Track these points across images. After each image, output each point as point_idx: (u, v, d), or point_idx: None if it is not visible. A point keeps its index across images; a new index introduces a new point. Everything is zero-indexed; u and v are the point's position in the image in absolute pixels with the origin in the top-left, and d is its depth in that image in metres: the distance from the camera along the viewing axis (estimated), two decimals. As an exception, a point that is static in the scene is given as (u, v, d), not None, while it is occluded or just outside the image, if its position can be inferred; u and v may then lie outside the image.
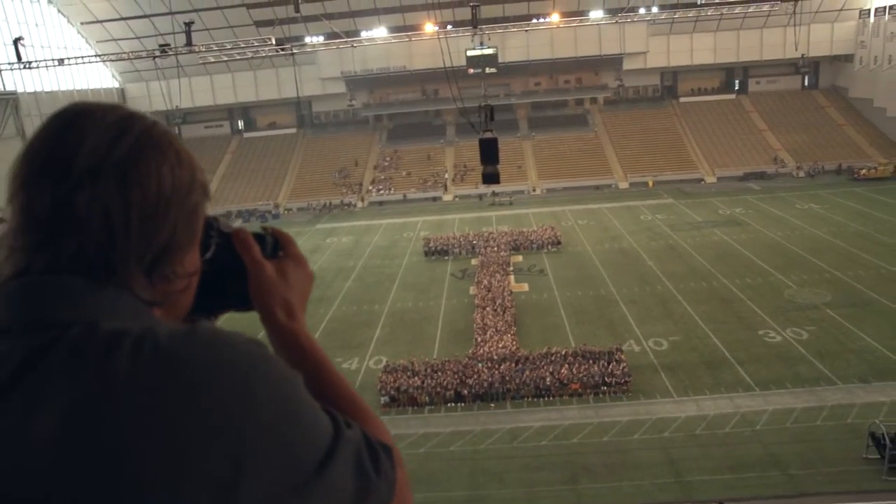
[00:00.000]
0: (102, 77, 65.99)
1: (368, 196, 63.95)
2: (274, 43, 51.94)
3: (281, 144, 72.33)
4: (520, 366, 25.41)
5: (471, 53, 59.27)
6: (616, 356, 25.48)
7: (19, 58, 45.50)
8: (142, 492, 0.75)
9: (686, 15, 56.58)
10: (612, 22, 58.38)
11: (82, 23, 61.48)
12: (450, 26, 54.53)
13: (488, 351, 26.88)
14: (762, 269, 35.94)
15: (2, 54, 48.55)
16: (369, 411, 1.10)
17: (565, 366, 25.01)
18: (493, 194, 57.58)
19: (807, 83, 70.64)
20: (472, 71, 59.76)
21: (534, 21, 59.57)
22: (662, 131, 67.76)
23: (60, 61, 51.58)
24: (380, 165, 67.98)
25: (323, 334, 30.64)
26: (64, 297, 0.87)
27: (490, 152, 25.83)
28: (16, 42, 45.48)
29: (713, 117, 68.99)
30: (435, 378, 25.16)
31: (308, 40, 57.03)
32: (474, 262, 40.40)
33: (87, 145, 0.88)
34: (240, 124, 75.28)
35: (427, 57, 60.94)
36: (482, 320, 30.09)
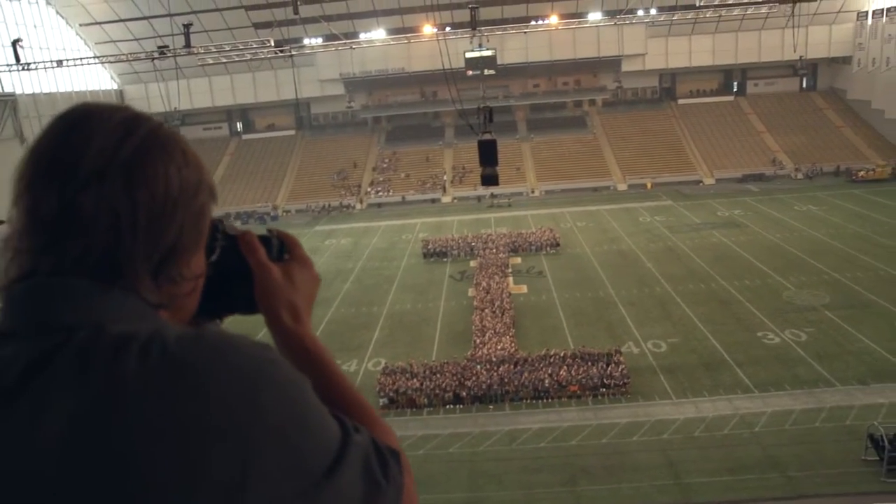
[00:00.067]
0: (101, 79, 65.98)
1: (367, 198, 63.94)
2: (273, 45, 51.95)
3: (279, 146, 72.29)
4: (518, 367, 25.39)
5: (469, 55, 59.29)
6: (615, 358, 25.47)
7: (18, 59, 45.46)
8: (149, 496, 0.75)
9: (684, 17, 56.65)
10: (611, 24, 58.41)
11: (81, 24, 61.47)
12: (448, 28, 54.50)
13: (487, 353, 26.86)
14: (761, 270, 35.95)
15: (0, 56, 48.53)
16: (376, 416, 1.09)
17: (564, 367, 24.99)
18: (492, 196, 57.60)
19: (805, 85, 70.83)
20: (470, 73, 59.78)
21: (532, 23, 59.62)
22: (661, 133, 67.79)
23: (59, 63, 51.56)
24: (378, 167, 67.98)
25: (321, 336, 29.66)
26: (70, 299, 0.86)
27: (489, 154, 25.84)
28: (14, 43, 45.43)
29: (711, 119, 69.05)
30: (434, 380, 25.14)
31: (307, 42, 57.03)
32: (473, 263, 40.37)
33: (94, 146, 0.87)
34: (238, 126, 75.26)
35: (426, 59, 61.03)
36: (481, 322, 30.07)
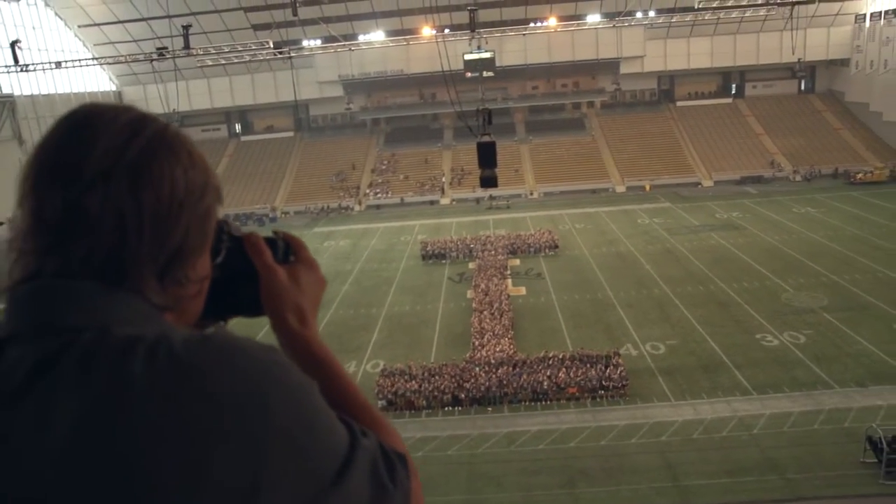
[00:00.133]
0: (100, 80, 65.96)
1: (366, 199, 63.95)
2: (272, 46, 52.02)
3: (278, 148, 72.30)
4: (517, 370, 25.38)
5: (468, 57, 59.31)
6: (613, 360, 25.46)
7: (16, 61, 45.48)
8: (154, 500, 0.74)
9: (683, 19, 56.81)
10: (610, 26, 58.49)
11: (79, 26, 61.46)
12: (447, 30, 54.56)
13: (486, 355, 26.84)
14: (759, 272, 35.98)
15: (-1, 57, 48.56)
16: (383, 419, 1.09)
17: (563, 370, 24.98)
18: (491, 198, 57.66)
19: (803, 87, 71.03)
20: (469, 75, 59.74)
21: (531, 25, 59.80)
22: (659, 135, 67.86)
23: (57, 64, 51.57)
24: (377, 169, 67.99)
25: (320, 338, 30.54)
26: (75, 301, 0.85)
27: (488, 156, 25.83)
28: (13, 45, 45.46)
29: (710, 121, 69.13)
30: (432, 382, 25.11)
31: (306, 44, 57.05)
32: (472, 265, 40.37)
33: (99, 147, 0.86)
34: (237, 128, 75.28)
35: (424, 61, 61.13)
36: (479, 324, 30.06)
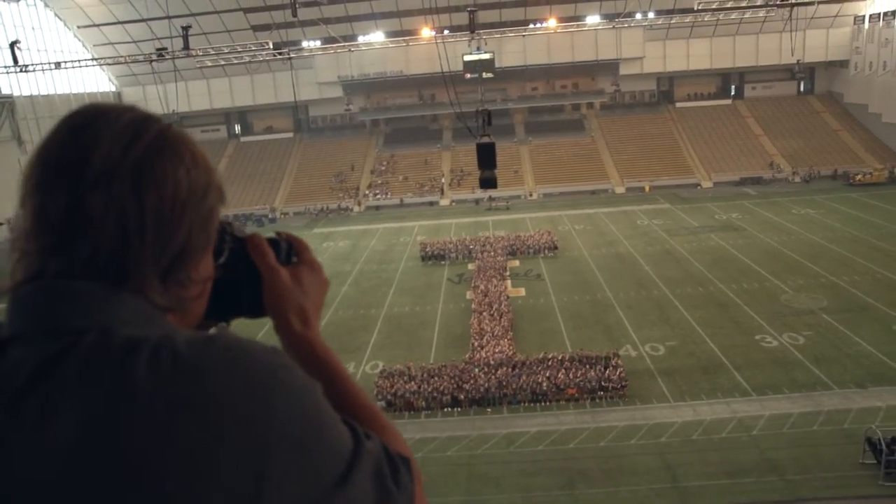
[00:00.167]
0: (99, 81, 65.92)
1: (365, 200, 63.94)
2: (271, 47, 52.01)
3: (278, 149, 72.29)
4: (516, 371, 25.37)
5: (468, 58, 59.32)
6: (613, 361, 25.45)
7: (16, 61, 45.46)
8: (161, 503, 0.74)
9: (682, 20, 56.86)
10: (609, 27, 58.54)
11: (79, 26, 61.45)
12: (447, 31, 54.60)
13: (485, 356, 26.82)
14: (758, 273, 35.99)
15: (-2, 58, 48.53)
16: (387, 422, 1.08)
17: (562, 371, 24.97)
18: (490, 199, 57.68)
19: (802, 89, 71.08)
20: (468, 76, 59.78)
21: (531, 26, 59.86)
22: (659, 136, 67.89)
23: (57, 65, 51.53)
24: (376, 170, 67.99)
25: (319, 339, 30.53)
26: (78, 302, 0.85)
27: (488, 157, 25.82)
28: (12, 45, 45.45)
29: (709, 122, 69.17)
30: (431, 383, 25.09)
31: (305, 45, 57.07)
32: (471, 266, 40.35)
33: (102, 147, 0.86)
34: (236, 128, 75.27)
35: (424, 62, 61.16)
36: (479, 325, 30.04)
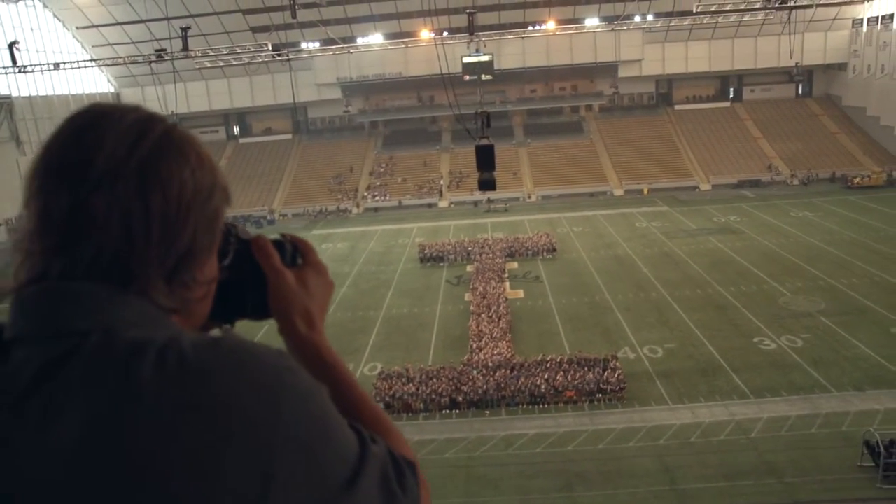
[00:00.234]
0: (98, 82, 65.88)
1: (364, 202, 63.94)
2: (270, 49, 51.99)
3: (276, 150, 72.28)
4: (515, 373, 25.35)
5: (467, 60, 59.44)
6: (611, 363, 25.46)
7: (14, 62, 45.43)
8: None
9: (681, 23, 56.97)
10: (608, 30, 58.64)
11: (78, 27, 61.42)
12: (446, 33, 54.63)
13: (483, 358, 26.82)
14: (757, 276, 36.01)
15: (-3, 58, 48.47)
16: (392, 426, 1.07)
17: (560, 373, 24.97)
18: (489, 201, 57.70)
19: (801, 91, 71.22)
20: (467, 78, 59.92)
21: (529, 28, 59.92)
22: (657, 139, 67.95)
23: (56, 66, 51.47)
24: (375, 171, 67.99)
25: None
26: (82, 303, 0.84)
27: (486, 159, 25.81)
28: (11, 46, 45.41)
29: (708, 125, 69.26)
30: (430, 385, 25.07)
31: (304, 46, 57.06)
32: (469, 268, 40.35)
33: (106, 148, 0.85)
34: (235, 130, 75.25)
35: (423, 63, 61.18)
36: (477, 327, 30.04)
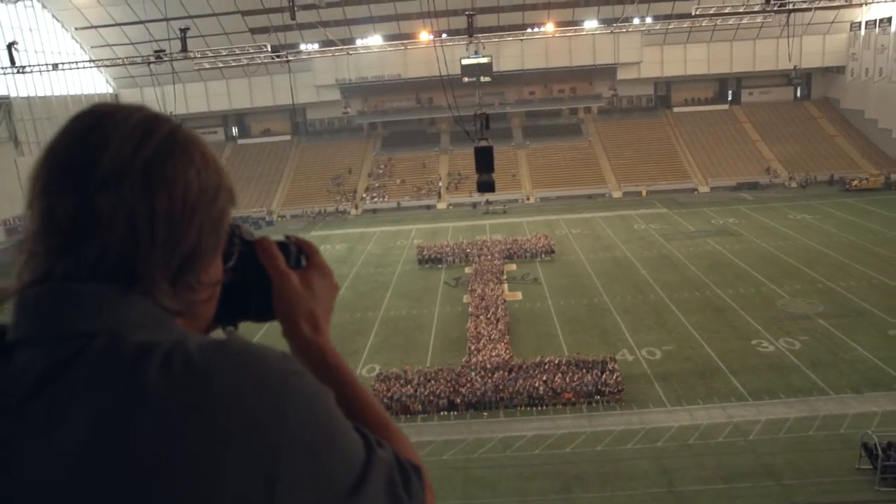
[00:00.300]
0: (96, 82, 65.85)
1: (362, 204, 63.92)
2: (269, 50, 51.93)
3: (275, 151, 72.27)
4: (513, 374, 25.34)
5: (465, 62, 59.44)
6: (609, 365, 25.44)
7: (13, 62, 45.35)
8: None
9: (680, 26, 56.99)
10: (607, 32, 58.71)
11: (76, 28, 61.40)
12: (445, 35, 54.69)
13: (482, 359, 26.79)
14: (755, 278, 36.03)
15: (-5, 59, 48.40)
16: (397, 430, 1.06)
17: (558, 375, 24.95)
18: (487, 203, 57.72)
19: (799, 94, 71.26)
20: (466, 79, 59.95)
21: (528, 30, 59.94)
22: (656, 141, 68.03)
23: (54, 66, 51.38)
24: (374, 173, 67.99)
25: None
26: (86, 305, 0.83)
27: (485, 161, 25.81)
28: (9, 47, 45.33)
29: (706, 127, 69.35)
30: (428, 386, 25.05)
31: (303, 48, 57.09)
32: (468, 270, 40.34)
33: (111, 148, 0.85)
34: (234, 131, 75.26)
35: (422, 65, 61.20)
36: (475, 329, 30.03)
